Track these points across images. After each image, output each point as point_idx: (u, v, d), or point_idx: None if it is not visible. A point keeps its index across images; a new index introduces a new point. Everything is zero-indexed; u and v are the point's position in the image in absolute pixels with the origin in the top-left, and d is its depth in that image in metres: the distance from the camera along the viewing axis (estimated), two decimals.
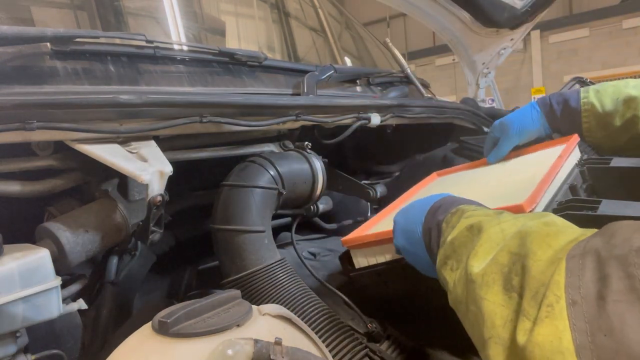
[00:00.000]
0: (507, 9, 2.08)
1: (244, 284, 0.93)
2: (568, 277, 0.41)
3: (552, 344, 0.40)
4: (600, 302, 0.39)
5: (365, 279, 0.98)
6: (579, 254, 0.43)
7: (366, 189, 1.50)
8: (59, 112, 0.78)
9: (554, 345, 0.39)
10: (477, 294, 0.50)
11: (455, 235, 0.59)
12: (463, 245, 0.57)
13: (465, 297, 0.53)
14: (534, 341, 0.41)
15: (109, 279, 1.01)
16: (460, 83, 12.15)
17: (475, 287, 0.50)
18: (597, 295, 0.39)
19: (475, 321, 0.50)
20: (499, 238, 0.52)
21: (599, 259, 0.41)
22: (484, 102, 2.52)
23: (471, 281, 0.51)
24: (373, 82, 1.69)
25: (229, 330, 0.58)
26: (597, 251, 0.42)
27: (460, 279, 0.55)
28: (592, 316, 0.38)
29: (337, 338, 0.82)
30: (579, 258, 0.42)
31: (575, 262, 0.42)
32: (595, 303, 0.39)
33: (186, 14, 1.73)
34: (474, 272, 0.51)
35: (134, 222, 0.91)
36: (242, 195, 1.02)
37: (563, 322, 0.40)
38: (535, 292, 0.43)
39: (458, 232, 0.59)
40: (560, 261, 0.43)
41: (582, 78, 1.62)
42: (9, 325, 0.67)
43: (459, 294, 0.54)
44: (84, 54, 0.98)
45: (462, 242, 0.58)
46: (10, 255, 0.69)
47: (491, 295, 0.48)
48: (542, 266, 0.45)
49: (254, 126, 1.06)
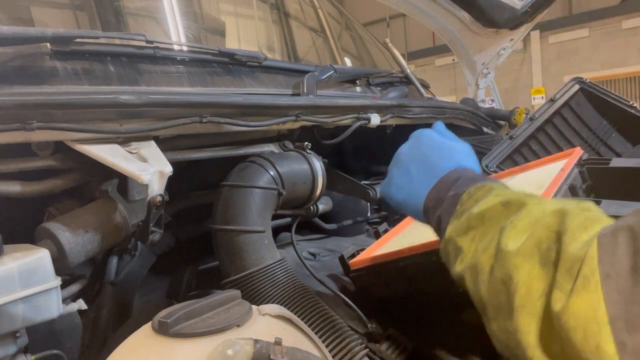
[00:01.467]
0: (507, 9, 2.08)
1: (244, 284, 0.93)
2: (601, 252, 0.43)
3: (587, 314, 0.41)
4: (634, 274, 0.40)
5: (365, 280, 0.98)
6: (611, 231, 0.44)
7: (366, 189, 1.50)
8: (59, 112, 0.78)
9: (588, 316, 0.41)
10: (510, 263, 0.50)
11: (485, 208, 0.59)
12: (495, 219, 0.58)
13: (490, 265, 0.53)
14: (569, 312, 0.42)
15: (108, 279, 1.01)
16: (460, 83, 12.15)
17: (510, 257, 0.51)
18: (631, 268, 0.40)
19: (502, 288, 0.51)
20: (539, 215, 0.53)
21: (632, 234, 0.42)
22: (484, 102, 2.52)
23: (504, 251, 0.52)
24: (373, 83, 1.69)
25: (229, 330, 0.58)
26: (631, 227, 0.43)
27: (487, 249, 0.55)
28: (626, 288, 0.40)
29: (337, 338, 0.82)
30: (610, 235, 0.44)
31: (608, 238, 0.44)
32: (629, 276, 0.40)
33: (186, 14, 1.73)
34: (509, 244, 0.52)
35: (134, 223, 0.91)
36: (242, 196, 1.02)
37: (597, 294, 0.41)
38: (570, 267, 0.45)
39: (491, 206, 0.59)
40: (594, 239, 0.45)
41: (581, 79, 1.62)
42: (9, 325, 0.67)
43: (481, 261, 0.55)
44: (84, 54, 0.98)
45: (494, 216, 0.58)
46: (10, 255, 0.69)
47: (527, 267, 0.49)
48: (579, 245, 0.46)
49: (254, 126, 1.06)
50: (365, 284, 0.99)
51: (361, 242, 1.41)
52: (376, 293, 0.98)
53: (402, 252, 0.91)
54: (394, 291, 0.95)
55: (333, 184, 1.49)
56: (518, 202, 0.57)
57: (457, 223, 0.62)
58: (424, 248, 0.88)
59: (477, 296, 0.56)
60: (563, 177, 0.97)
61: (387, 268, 0.93)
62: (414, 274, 0.89)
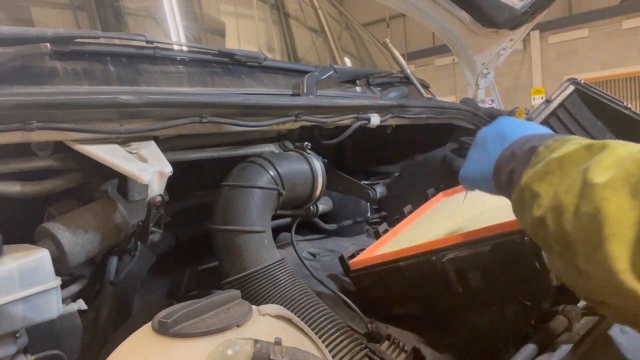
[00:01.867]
0: (507, 9, 2.08)
1: (244, 284, 0.93)
2: None
3: None
4: None
5: (365, 280, 0.98)
6: None
7: (366, 189, 1.50)
8: (59, 113, 0.78)
9: None
10: (598, 197, 0.51)
11: (565, 153, 0.60)
12: (576, 162, 0.58)
13: (575, 203, 0.54)
14: None
15: (108, 280, 1.01)
16: (460, 83, 12.15)
17: (597, 190, 0.51)
18: None
19: (589, 222, 0.51)
20: (625, 154, 0.54)
21: None
22: (484, 102, 2.52)
23: (591, 186, 0.52)
24: (373, 83, 1.69)
25: (228, 330, 0.58)
26: None
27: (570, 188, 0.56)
28: None
29: (337, 338, 0.83)
30: None
31: None
32: None
33: (186, 14, 1.73)
34: (595, 178, 0.53)
35: (134, 223, 0.91)
36: (241, 196, 1.02)
37: None
38: None
39: (571, 151, 0.60)
40: None
41: (575, 80, 1.62)
42: (9, 325, 0.67)
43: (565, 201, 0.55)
44: (83, 55, 0.98)
45: (575, 160, 0.59)
46: (10, 256, 0.69)
47: (617, 199, 0.49)
48: None
49: (254, 126, 1.06)
50: (365, 284, 0.99)
51: (361, 242, 1.41)
52: (376, 293, 0.98)
53: (401, 253, 0.91)
54: (393, 291, 0.95)
55: (333, 184, 1.49)
56: (601, 144, 0.58)
57: (532, 171, 0.62)
58: (423, 248, 0.88)
59: (561, 236, 0.56)
60: None
61: (387, 269, 0.93)
62: (413, 275, 0.89)
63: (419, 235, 1.04)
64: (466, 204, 1.19)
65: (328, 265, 1.19)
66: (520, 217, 0.65)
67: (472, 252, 0.79)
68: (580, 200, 0.53)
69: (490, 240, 0.79)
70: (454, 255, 0.81)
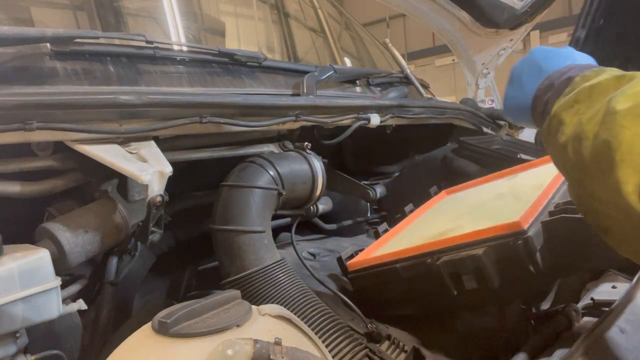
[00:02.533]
0: (507, 9, 2.08)
1: (244, 284, 0.93)
2: None
3: None
4: None
5: (364, 281, 0.98)
6: None
7: (366, 190, 1.50)
8: (59, 113, 0.78)
9: None
10: (617, 124, 0.52)
11: (596, 82, 0.60)
12: (604, 91, 0.59)
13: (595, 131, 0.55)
14: None
15: (108, 280, 1.01)
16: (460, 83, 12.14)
17: (617, 117, 0.52)
18: None
19: (604, 148, 0.52)
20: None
21: None
22: (484, 102, 2.52)
23: (612, 113, 0.53)
24: (373, 83, 1.69)
25: (228, 330, 0.58)
26: None
27: (593, 117, 0.56)
28: None
29: (337, 338, 0.83)
30: None
31: None
32: None
33: (186, 14, 1.73)
34: (617, 106, 0.53)
35: (134, 223, 0.91)
36: (241, 196, 1.02)
37: None
38: None
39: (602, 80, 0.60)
40: None
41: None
42: (9, 325, 0.67)
43: (585, 129, 0.56)
44: (83, 55, 0.98)
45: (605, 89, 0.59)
46: (10, 256, 0.69)
47: (633, 127, 0.50)
48: None
49: (254, 126, 1.06)
50: (363, 285, 0.99)
51: (361, 242, 1.41)
52: (374, 294, 0.98)
53: (398, 254, 0.92)
54: (391, 293, 0.95)
55: (333, 184, 1.49)
56: (631, 75, 0.58)
57: (563, 100, 0.63)
58: (419, 250, 0.88)
59: (580, 163, 0.56)
60: (563, 177, 0.97)
61: (384, 270, 0.93)
62: (409, 277, 0.89)
63: (419, 235, 1.04)
64: (467, 203, 1.19)
65: (328, 265, 1.19)
66: (547, 145, 0.66)
67: (466, 254, 0.79)
68: (601, 127, 0.54)
69: (485, 243, 0.79)
70: (449, 258, 0.81)
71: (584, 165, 0.55)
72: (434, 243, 0.86)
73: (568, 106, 0.62)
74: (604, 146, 0.52)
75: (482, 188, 1.28)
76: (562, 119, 0.61)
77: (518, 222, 0.77)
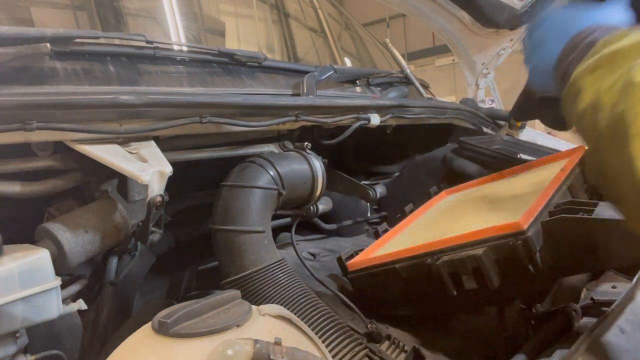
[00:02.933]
0: (507, 9, 2.08)
1: (244, 284, 0.93)
2: None
3: None
4: None
5: (364, 281, 0.98)
6: None
7: (366, 189, 1.50)
8: (59, 113, 0.78)
9: None
10: (635, 97, 0.50)
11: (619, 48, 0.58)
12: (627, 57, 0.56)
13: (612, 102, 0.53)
14: None
15: (108, 280, 1.01)
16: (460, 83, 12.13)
17: (636, 90, 0.51)
18: None
19: (620, 121, 0.51)
20: None
21: None
22: (484, 102, 2.52)
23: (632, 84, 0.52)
24: (373, 83, 1.69)
25: (228, 330, 0.58)
26: None
27: (612, 86, 0.55)
28: None
29: (337, 338, 0.83)
30: None
31: None
32: None
33: (186, 14, 1.73)
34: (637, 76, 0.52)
35: (134, 223, 0.91)
36: (242, 196, 1.02)
37: None
38: None
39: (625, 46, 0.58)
40: None
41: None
42: (9, 325, 0.67)
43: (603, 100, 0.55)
44: (83, 55, 0.98)
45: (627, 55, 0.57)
46: (10, 256, 0.69)
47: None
48: None
49: (254, 126, 1.06)
50: (363, 285, 0.99)
51: (361, 242, 1.41)
52: (373, 294, 0.98)
53: (397, 255, 0.92)
54: (390, 293, 0.95)
55: (333, 184, 1.49)
56: None
57: (584, 64, 0.61)
58: (418, 250, 0.88)
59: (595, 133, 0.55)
60: (563, 177, 0.97)
61: (383, 270, 0.93)
62: (409, 277, 0.89)
63: (419, 235, 1.04)
64: (466, 204, 1.19)
65: (328, 265, 1.19)
66: (566, 111, 0.64)
67: (466, 254, 0.79)
68: (619, 98, 0.52)
69: (484, 243, 0.79)
70: (449, 258, 0.81)
71: (600, 137, 0.54)
72: (434, 243, 0.86)
73: (588, 72, 0.59)
74: (619, 118, 0.51)
75: (482, 188, 1.28)
76: (582, 86, 0.59)
77: (518, 222, 0.77)
